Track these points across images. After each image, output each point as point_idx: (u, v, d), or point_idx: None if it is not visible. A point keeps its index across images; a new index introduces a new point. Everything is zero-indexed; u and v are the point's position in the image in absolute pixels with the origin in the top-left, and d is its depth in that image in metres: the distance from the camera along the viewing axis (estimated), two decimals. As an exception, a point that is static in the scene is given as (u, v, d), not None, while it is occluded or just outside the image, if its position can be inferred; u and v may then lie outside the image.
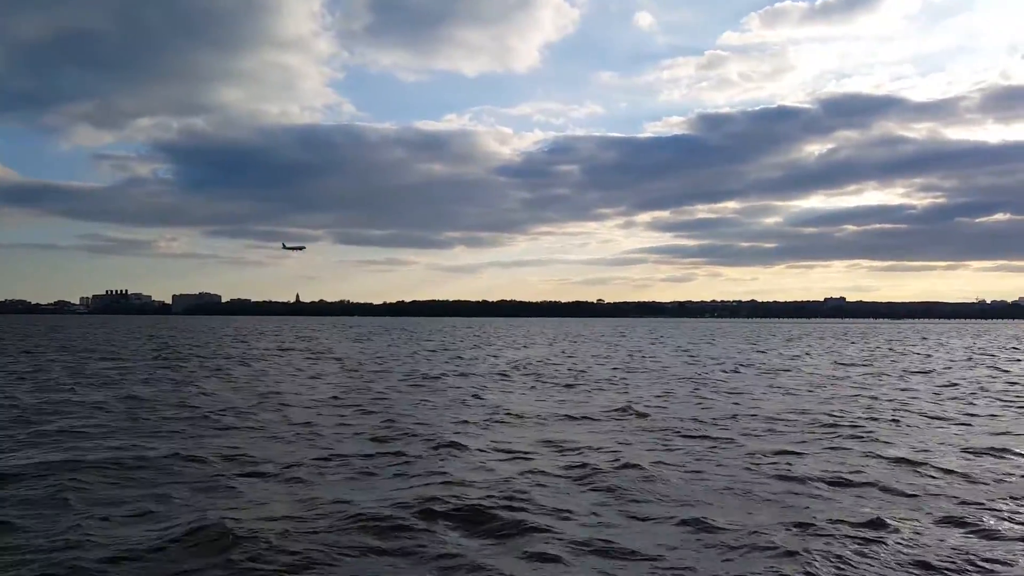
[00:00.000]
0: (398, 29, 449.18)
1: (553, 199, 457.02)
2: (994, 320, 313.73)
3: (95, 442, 15.10)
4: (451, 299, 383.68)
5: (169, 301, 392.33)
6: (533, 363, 40.65)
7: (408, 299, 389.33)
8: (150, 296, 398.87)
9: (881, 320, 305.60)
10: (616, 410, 20.55)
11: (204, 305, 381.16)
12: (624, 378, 31.60)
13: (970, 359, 47.73)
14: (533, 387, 27.54)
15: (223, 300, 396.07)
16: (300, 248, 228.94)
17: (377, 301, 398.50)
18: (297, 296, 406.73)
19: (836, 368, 38.87)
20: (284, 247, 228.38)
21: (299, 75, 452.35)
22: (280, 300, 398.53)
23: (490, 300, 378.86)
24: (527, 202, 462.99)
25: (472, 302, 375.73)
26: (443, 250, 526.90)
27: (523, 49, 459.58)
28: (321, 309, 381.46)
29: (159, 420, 18.32)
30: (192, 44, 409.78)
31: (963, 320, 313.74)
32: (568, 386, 27.74)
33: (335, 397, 23.42)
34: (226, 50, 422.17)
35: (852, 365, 41.31)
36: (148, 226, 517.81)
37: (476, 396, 23.99)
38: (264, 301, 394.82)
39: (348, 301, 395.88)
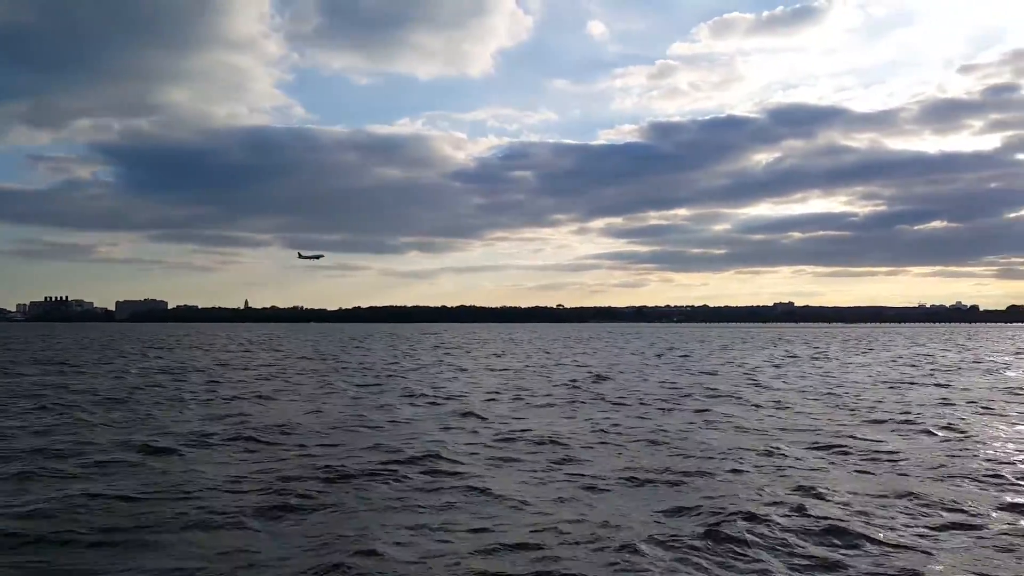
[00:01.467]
0: (349, 32, 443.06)
1: (508, 205, 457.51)
2: (937, 323, 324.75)
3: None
4: (408, 305, 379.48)
5: (112, 308, 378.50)
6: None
7: (362, 305, 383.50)
8: (92, 303, 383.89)
9: (837, 324, 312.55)
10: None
11: (149, 312, 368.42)
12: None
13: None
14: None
15: (169, 307, 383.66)
16: (318, 256, 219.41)
17: (332, 307, 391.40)
18: (246, 302, 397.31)
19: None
20: (300, 256, 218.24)
21: (247, 76, 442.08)
22: (228, 306, 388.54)
23: (449, 306, 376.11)
24: (482, 207, 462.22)
25: (431, 308, 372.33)
26: (397, 255, 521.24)
27: (477, 55, 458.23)
28: (273, 315, 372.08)
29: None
30: (135, 43, 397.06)
31: (912, 324, 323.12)
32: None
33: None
34: (171, 50, 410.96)
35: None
36: (88, 230, 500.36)
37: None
38: (212, 307, 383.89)
39: (302, 307, 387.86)
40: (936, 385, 30.49)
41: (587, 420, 19.73)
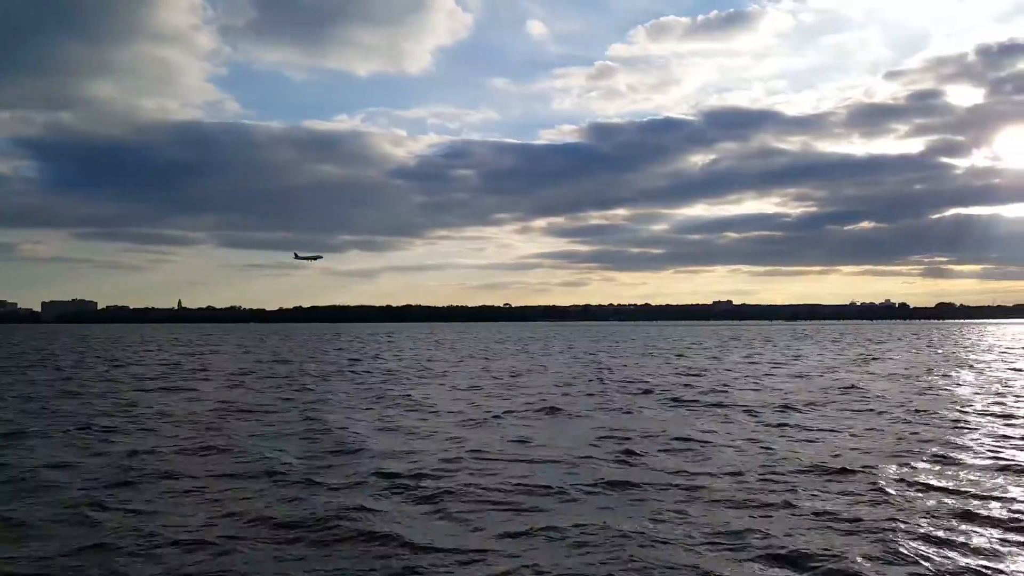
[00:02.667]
0: (285, 26, 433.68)
1: (450, 203, 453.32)
2: (868, 321, 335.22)
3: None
4: (352, 304, 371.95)
5: (38, 309, 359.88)
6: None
7: (303, 304, 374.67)
8: (15, 303, 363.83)
9: (778, 321, 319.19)
10: None
11: (78, 313, 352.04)
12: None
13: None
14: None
15: (99, 307, 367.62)
16: (316, 258, 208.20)
17: (271, 307, 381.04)
18: (179, 302, 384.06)
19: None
20: (297, 257, 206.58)
21: (178, 70, 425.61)
22: (162, 307, 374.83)
23: (394, 305, 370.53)
24: (424, 206, 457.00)
25: (376, 308, 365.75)
26: (337, 254, 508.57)
27: (416, 52, 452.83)
28: (210, 316, 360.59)
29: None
30: (58, 34, 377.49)
31: (853, 321, 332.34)
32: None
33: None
34: (96, 41, 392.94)
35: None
36: (9, 227, 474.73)
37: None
38: (145, 308, 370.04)
39: (240, 307, 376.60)
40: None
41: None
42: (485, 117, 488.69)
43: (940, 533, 9.72)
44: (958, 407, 22.42)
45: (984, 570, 8.49)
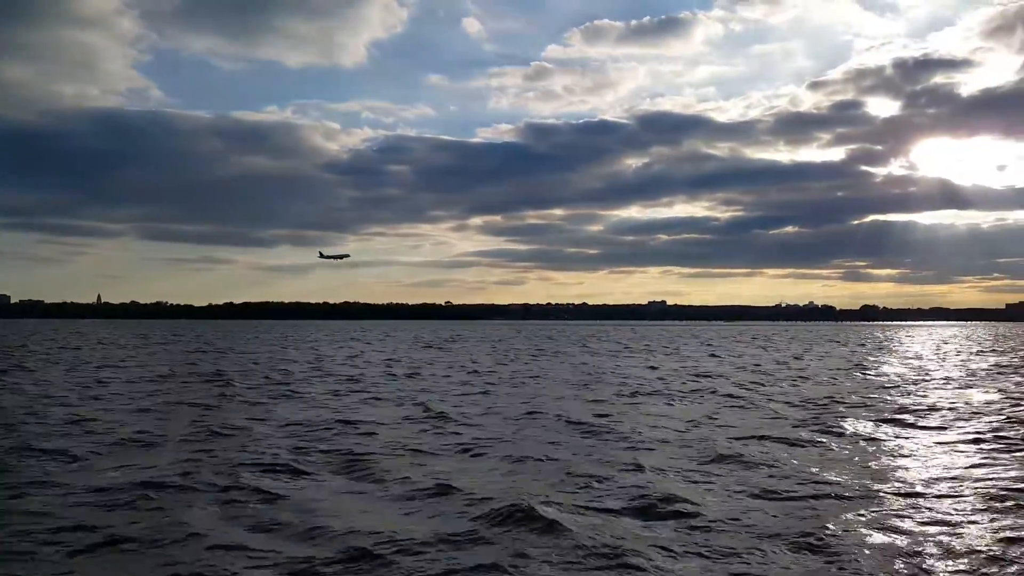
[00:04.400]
0: (213, 13, 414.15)
1: (385, 199, 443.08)
2: (797, 322, 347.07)
3: None
4: (287, 300, 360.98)
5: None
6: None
7: (234, 300, 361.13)
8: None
9: (715, 322, 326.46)
10: None
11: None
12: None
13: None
14: None
15: (12, 301, 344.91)
16: (343, 256, 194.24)
17: (199, 302, 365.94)
18: (99, 297, 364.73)
19: None
20: (322, 256, 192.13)
21: (99, 55, 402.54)
22: (80, 301, 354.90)
23: (332, 302, 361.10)
24: (357, 201, 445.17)
25: (313, 304, 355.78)
26: (266, 249, 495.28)
27: (350, 45, 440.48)
28: (134, 311, 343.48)
29: None
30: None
31: (782, 322, 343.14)
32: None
33: None
34: (10, 23, 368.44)
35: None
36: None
37: None
38: (61, 303, 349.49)
39: (166, 303, 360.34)
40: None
41: None
42: (421, 113, 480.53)
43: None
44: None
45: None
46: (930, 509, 11.37)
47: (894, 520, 10.74)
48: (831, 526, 10.37)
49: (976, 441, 17.35)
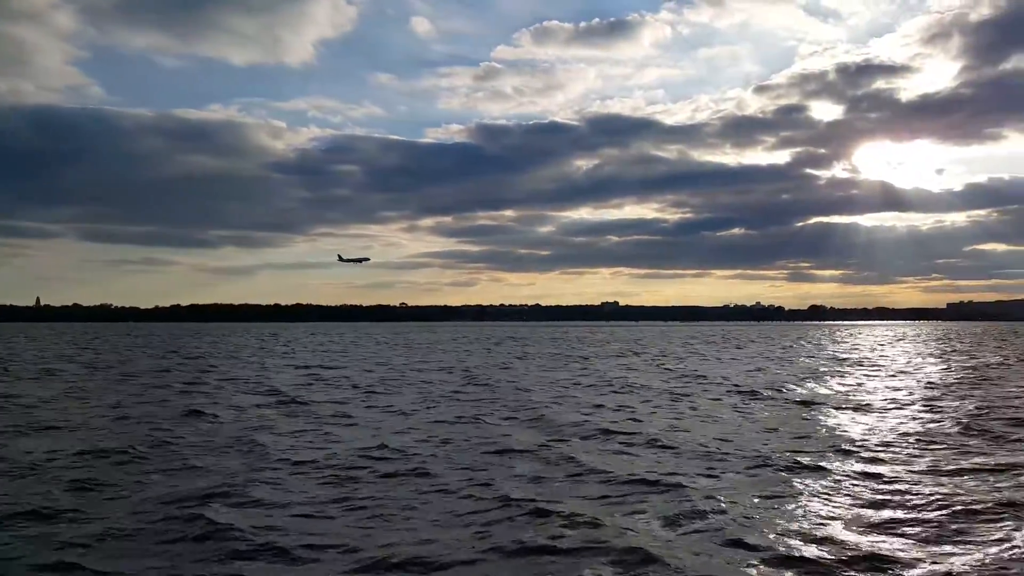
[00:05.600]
0: (154, 9, 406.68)
1: (333, 200, 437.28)
2: (749, 322, 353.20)
3: None
4: (236, 303, 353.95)
5: None
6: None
7: (181, 302, 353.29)
8: None
9: (671, 323, 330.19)
10: None
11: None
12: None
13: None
14: None
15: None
16: (363, 260, 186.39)
17: (146, 304, 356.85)
18: (38, 299, 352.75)
19: None
20: (341, 260, 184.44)
21: (33, 50, 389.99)
22: (17, 304, 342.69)
23: (284, 304, 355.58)
24: (305, 201, 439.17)
25: (264, 306, 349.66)
26: (211, 250, 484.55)
27: (296, 42, 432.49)
28: (77, 314, 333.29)
29: None
30: None
31: (732, 322, 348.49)
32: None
33: None
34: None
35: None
36: None
37: None
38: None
39: (111, 305, 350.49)
40: None
41: None
42: (369, 113, 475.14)
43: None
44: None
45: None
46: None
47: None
48: None
49: None
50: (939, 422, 20.53)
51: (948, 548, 9.68)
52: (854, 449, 16.44)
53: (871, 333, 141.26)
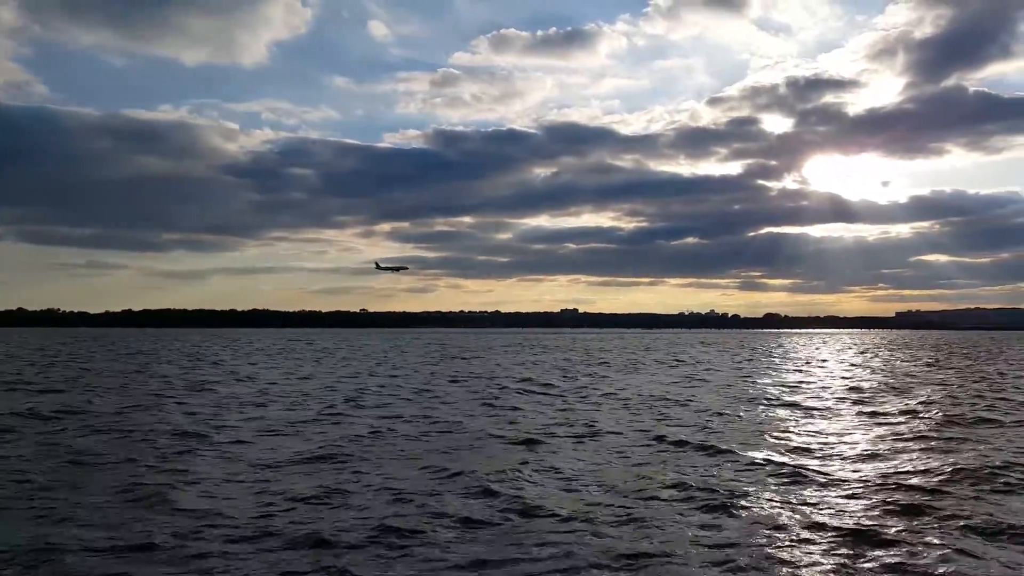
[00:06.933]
0: (102, 7, 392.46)
1: (287, 204, 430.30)
2: (704, 329, 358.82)
3: None
4: (190, 308, 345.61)
5: None
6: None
7: (133, 307, 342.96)
8: None
9: (632, 329, 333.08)
10: None
11: None
12: None
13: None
14: None
15: None
16: (401, 269, 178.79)
17: (95, 309, 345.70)
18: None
19: None
20: (379, 268, 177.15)
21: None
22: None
23: (239, 309, 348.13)
24: (258, 205, 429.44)
25: (219, 311, 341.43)
26: (160, 253, 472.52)
27: (250, 43, 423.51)
28: (22, 319, 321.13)
29: None
30: None
31: (688, 329, 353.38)
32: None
33: None
34: None
35: None
36: None
37: None
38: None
39: (59, 310, 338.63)
40: None
41: None
42: (325, 116, 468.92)
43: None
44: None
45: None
46: None
47: None
48: None
49: None
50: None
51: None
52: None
53: (825, 343, 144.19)
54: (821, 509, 12.58)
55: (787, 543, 10.72)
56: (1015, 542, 10.79)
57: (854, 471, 15.67)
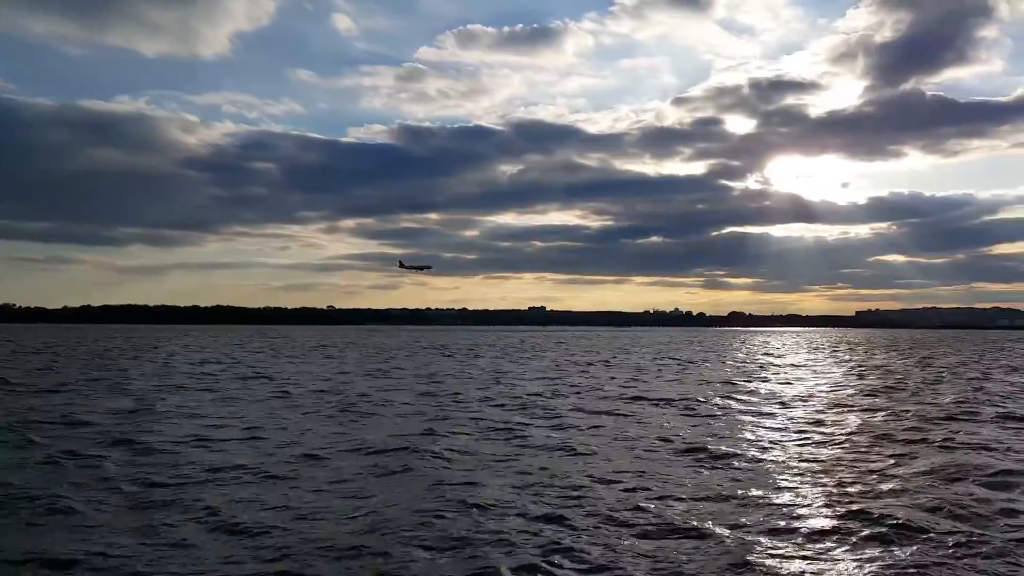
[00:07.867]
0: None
1: (249, 198, 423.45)
2: (675, 327, 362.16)
3: None
4: (151, 304, 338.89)
5: None
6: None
7: (90, 303, 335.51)
8: None
9: (598, 327, 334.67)
10: None
11: None
12: None
13: None
14: None
15: None
16: (425, 268, 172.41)
17: (53, 305, 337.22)
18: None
19: None
20: (402, 266, 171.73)
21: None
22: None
23: (202, 306, 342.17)
24: (218, 199, 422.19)
25: (181, 308, 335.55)
26: (117, 248, 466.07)
27: (211, 35, 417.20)
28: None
29: None
30: None
31: (652, 327, 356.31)
32: None
33: None
34: None
35: None
36: None
37: None
38: None
39: (15, 305, 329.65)
40: None
41: None
42: (288, 109, 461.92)
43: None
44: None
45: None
46: None
47: None
48: None
49: None
50: None
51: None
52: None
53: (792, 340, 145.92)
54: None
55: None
56: None
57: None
